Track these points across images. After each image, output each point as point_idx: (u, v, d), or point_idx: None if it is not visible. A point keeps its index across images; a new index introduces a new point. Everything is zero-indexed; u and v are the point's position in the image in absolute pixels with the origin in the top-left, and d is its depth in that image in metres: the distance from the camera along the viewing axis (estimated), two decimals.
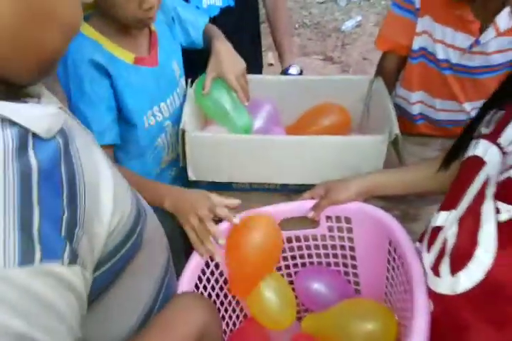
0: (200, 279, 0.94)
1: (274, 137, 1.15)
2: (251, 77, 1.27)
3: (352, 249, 1.07)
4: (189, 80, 1.27)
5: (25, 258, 0.42)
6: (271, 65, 3.40)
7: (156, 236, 0.77)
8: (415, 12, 1.23)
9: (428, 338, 0.74)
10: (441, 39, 1.21)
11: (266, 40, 1.79)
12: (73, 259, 0.47)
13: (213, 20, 1.33)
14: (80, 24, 0.55)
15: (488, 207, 0.67)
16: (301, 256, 1.13)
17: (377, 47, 1.37)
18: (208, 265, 0.98)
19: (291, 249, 1.11)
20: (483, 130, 0.74)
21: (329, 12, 4.54)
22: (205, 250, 0.96)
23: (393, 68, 1.37)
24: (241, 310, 1.08)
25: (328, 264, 1.13)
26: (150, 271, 0.74)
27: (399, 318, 0.90)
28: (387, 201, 1.14)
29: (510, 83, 0.73)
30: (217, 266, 0.99)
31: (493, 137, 0.70)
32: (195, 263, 0.94)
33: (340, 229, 1.06)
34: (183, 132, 1.10)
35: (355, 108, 1.34)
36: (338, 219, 1.05)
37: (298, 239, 1.11)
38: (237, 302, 1.07)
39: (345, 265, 1.11)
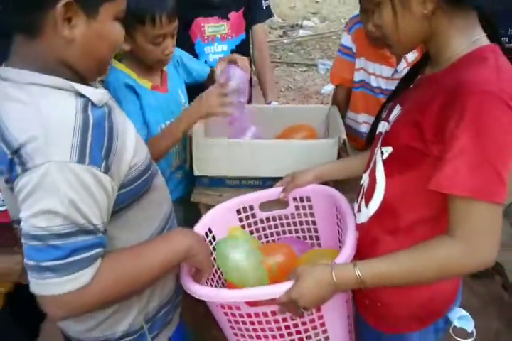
0: None
1: (257, 141, 1.54)
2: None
3: (314, 222, 1.42)
4: None
5: (80, 160, 0.82)
6: None
7: (162, 188, 1.13)
8: (353, 55, 1.71)
9: (354, 250, 1.07)
10: (372, 72, 1.67)
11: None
12: (106, 171, 0.86)
13: None
14: (121, 42, 0.95)
15: (378, 153, 1.04)
16: (277, 233, 1.47)
17: (331, 82, 1.85)
18: (206, 235, 1.28)
19: (270, 227, 1.46)
20: (382, 115, 1.14)
21: (311, 78, 5.15)
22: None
23: (343, 98, 1.82)
24: None
25: (298, 237, 1.48)
26: (158, 208, 1.10)
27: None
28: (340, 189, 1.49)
29: (399, 86, 1.14)
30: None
31: (386, 118, 1.09)
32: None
33: (303, 207, 1.41)
34: (191, 138, 1.51)
35: (319, 128, 1.75)
36: (301, 199, 1.39)
37: (274, 219, 1.46)
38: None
39: (310, 237, 1.46)
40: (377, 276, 0.94)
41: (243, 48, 2.00)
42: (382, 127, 1.09)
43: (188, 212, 1.61)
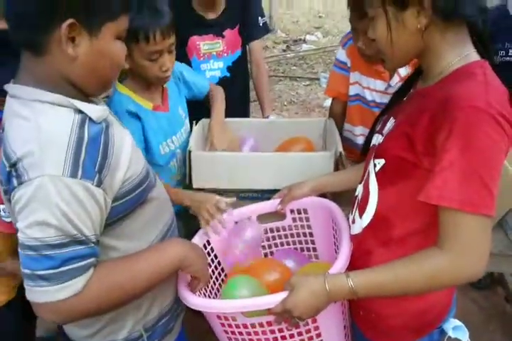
0: None
1: (254, 154, 1.58)
2: (241, 119, 1.74)
3: (311, 234, 1.44)
4: (194, 122, 1.74)
5: (73, 174, 0.85)
6: None
7: (162, 199, 1.16)
8: (348, 69, 1.74)
9: (347, 261, 1.08)
10: (366, 86, 1.71)
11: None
12: (99, 184, 0.89)
13: None
14: (124, 62, 0.99)
15: (371, 165, 1.07)
16: (275, 245, 1.49)
17: (327, 94, 1.88)
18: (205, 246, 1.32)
19: (267, 239, 1.48)
20: (376, 128, 1.17)
21: (313, 92, 5.20)
22: (210, 226, 1.34)
23: (339, 110, 1.86)
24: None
25: (295, 248, 1.49)
26: (157, 219, 1.13)
27: None
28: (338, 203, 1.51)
29: (393, 99, 1.17)
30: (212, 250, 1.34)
31: (380, 130, 1.12)
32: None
33: (300, 219, 1.43)
34: (190, 152, 1.54)
35: (316, 141, 1.78)
36: (298, 211, 1.41)
37: (271, 230, 1.48)
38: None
39: (308, 249, 1.47)
40: (368, 287, 0.96)
41: (240, 64, 2.04)
42: (376, 140, 1.12)
43: (188, 225, 1.63)
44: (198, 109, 1.75)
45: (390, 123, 1.07)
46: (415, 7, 0.90)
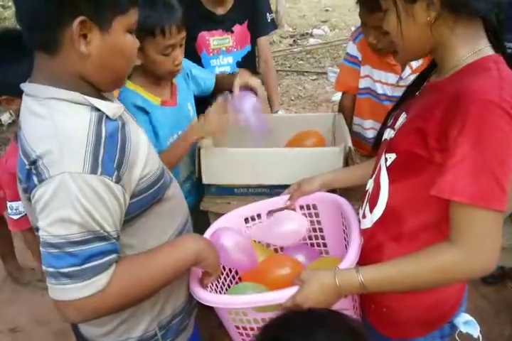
0: None
1: (263, 150, 1.56)
2: None
3: (321, 229, 1.44)
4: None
5: (93, 170, 0.85)
6: None
7: (178, 197, 1.17)
8: (359, 63, 1.74)
9: (357, 256, 1.08)
10: (378, 79, 1.70)
11: None
12: (118, 180, 0.90)
13: None
14: (135, 56, 0.99)
15: (382, 159, 1.06)
16: None
17: (336, 89, 1.88)
18: None
19: None
20: (389, 122, 1.16)
21: (321, 87, 5.18)
22: None
23: (349, 104, 1.85)
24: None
25: (305, 244, 1.49)
26: (172, 217, 1.14)
27: None
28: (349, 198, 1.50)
29: (406, 93, 1.16)
30: None
31: (392, 125, 1.11)
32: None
33: (310, 215, 1.42)
34: (199, 148, 1.54)
35: (325, 135, 1.77)
36: (308, 207, 1.41)
37: None
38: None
39: (317, 244, 1.47)
40: (378, 282, 0.97)
41: (249, 60, 2.05)
42: (388, 134, 1.12)
43: (197, 221, 1.64)
44: (205, 105, 1.75)
45: (402, 118, 1.07)
46: (424, 0, 0.89)
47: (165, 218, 1.10)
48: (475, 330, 1.11)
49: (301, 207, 1.43)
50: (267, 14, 2.03)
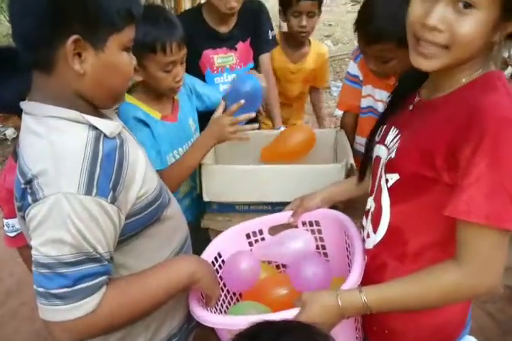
0: None
1: (265, 167, 1.56)
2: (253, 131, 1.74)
3: (323, 246, 1.41)
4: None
5: (88, 191, 0.85)
6: None
7: (177, 217, 1.15)
8: (360, 82, 1.73)
9: (361, 276, 1.06)
10: (379, 99, 1.69)
11: None
12: (113, 201, 0.89)
13: None
14: (132, 73, 0.98)
15: (383, 180, 1.05)
16: None
17: (338, 108, 1.87)
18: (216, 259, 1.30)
19: None
20: (376, 138, 1.14)
21: (324, 101, 5.18)
22: None
23: (351, 123, 1.84)
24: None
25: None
26: (170, 239, 1.12)
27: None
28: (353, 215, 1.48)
29: (389, 107, 1.15)
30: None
31: (382, 141, 1.10)
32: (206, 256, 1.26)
33: (313, 232, 1.40)
34: (200, 165, 1.53)
35: (328, 151, 1.77)
36: (310, 223, 1.39)
37: None
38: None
39: None
40: (382, 301, 0.96)
41: None
42: (381, 151, 1.10)
43: (197, 238, 1.62)
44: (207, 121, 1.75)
45: (393, 134, 1.06)
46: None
47: (162, 238, 1.09)
48: None
49: (304, 223, 1.41)
50: (269, 32, 2.06)
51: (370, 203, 1.14)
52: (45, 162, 0.84)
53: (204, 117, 1.73)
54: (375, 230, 1.10)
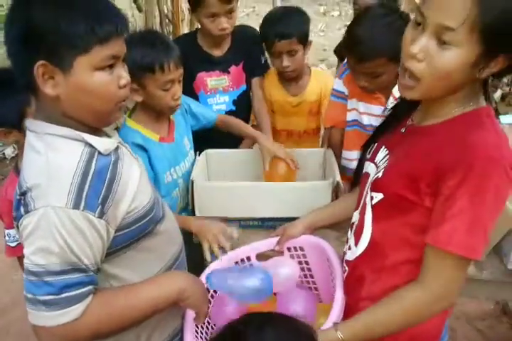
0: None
1: (254, 183, 1.62)
2: (245, 150, 1.84)
3: (309, 269, 1.44)
4: (197, 152, 1.81)
5: (75, 205, 0.90)
6: None
7: (170, 232, 1.19)
8: (345, 97, 1.81)
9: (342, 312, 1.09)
10: (364, 111, 1.76)
11: None
12: (101, 215, 0.93)
13: None
14: (114, 96, 0.97)
15: (368, 197, 1.10)
16: None
17: (324, 124, 1.94)
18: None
19: None
20: (367, 156, 1.20)
21: None
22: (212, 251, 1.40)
23: (337, 139, 1.90)
24: None
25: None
26: (163, 252, 1.16)
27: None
28: (338, 230, 1.55)
29: (383, 126, 1.21)
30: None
31: (372, 158, 1.16)
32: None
33: (298, 256, 1.43)
34: (192, 182, 1.59)
35: (316, 170, 1.84)
36: (295, 248, 1.42)
37: None
38: None
39: (307, 282, 1.46)
40: (356, 334, 1.01)
41: (244, 98, 2.13)
42: (370, 168, 1.15)
43: (191, 253, 1.66)
44: (203, 140, 1.84)
45: (383, 154, 1.11)
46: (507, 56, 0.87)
47: (154, 252, 1.12)
48: None
49: (289, 249, 1.44)
50: (261, 56, 2.13)
51: (356, 217, 1.19)
52: (39, 177, 0.91)
53: (199, 135, 1.84)
54: (356, 243, 1.15)
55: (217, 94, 2.08)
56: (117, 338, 1.07)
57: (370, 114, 1.77)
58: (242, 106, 2.14)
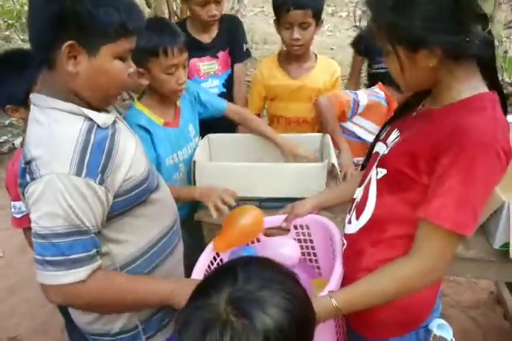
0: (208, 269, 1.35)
1: (254, 164, 1.69)
2: (241, 134, 1.92)
3: (313, 248, 1.52)
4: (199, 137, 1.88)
5: (78, 172, 0.99)
6: None
7: (164, 202, 1.27)
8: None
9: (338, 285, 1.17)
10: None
11: None
12: (101, 182, 1.02)
13: None
14: (124, 82, 1.09)
15: (373, 172, 1.16)
16: None
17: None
18: (215, 259, 1.39)
19: None
20: (381, 136, 1.24)
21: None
22: (217, 209, 1.51)
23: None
24: None
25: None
26: (158, 219, 1.24)
27: None
28: (332, 212, 1.60)
29: (397, 112, 1.26)
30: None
31: (384, 140, 1.20)
32: (205, 257, 1.37)
33: (303, 234, 1.51)
34: (194, 162, 1.66)
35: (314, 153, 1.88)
36: (301, 227, 1.50)
37: None
38: None
39: (310, 260, 1.54)
40: (350, 303, 1.08)
41: (230, 82, 2.31)
42: (380, 148, 1.21)
43: (191, 232, 1.73)
44: (209, 129, 1.95)
45: (395, 135, 1.16)
46: (426, 49, 0.96)
47: (150, 218, 1.20)
48: (448, 333, 1.17)
49: (295, 227, 1.51)
50: (243, 44, 2.30)
51: (358, 192, 1.24)
52: (43, 147, 0.99)
53: (207, 124, 1.91)
54: (357, 217, 1.20)
55: (210, 78, 2.24)
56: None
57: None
58: (231, 88, 2.31)
